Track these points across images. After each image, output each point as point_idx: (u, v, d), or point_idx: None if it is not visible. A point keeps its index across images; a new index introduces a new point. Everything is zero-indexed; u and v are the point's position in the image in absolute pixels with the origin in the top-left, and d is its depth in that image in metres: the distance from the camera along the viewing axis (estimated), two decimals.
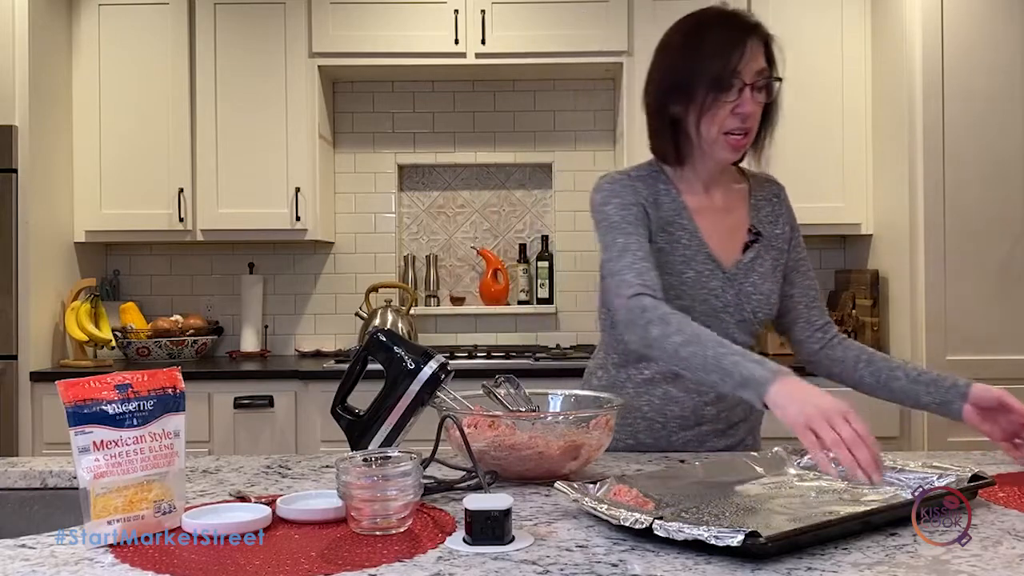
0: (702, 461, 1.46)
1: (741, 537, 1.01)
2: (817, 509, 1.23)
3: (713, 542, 1.02)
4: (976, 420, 1.52)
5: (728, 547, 1.01)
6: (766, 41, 1.60)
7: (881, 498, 1.27)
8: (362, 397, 1.45)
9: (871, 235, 3.53)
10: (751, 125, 1.59)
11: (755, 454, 1.48)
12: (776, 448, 1.49)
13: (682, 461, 1.56)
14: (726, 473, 1.41)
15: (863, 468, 1.16)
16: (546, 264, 3.88)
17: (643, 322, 1.45)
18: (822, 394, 1.25)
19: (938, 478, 1.31)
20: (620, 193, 1.63)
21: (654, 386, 1.70)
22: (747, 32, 1.57)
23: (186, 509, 1.22)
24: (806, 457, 1.43)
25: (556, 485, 1.25)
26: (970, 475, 1.30)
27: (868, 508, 1.18)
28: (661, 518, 1.08)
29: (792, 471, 1.44)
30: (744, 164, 1.76)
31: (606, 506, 1.16)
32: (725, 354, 1.35)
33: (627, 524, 1.10)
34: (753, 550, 1.02)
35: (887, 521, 1.17)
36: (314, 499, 1.28)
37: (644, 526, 1.08)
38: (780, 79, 1.61)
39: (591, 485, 1.27)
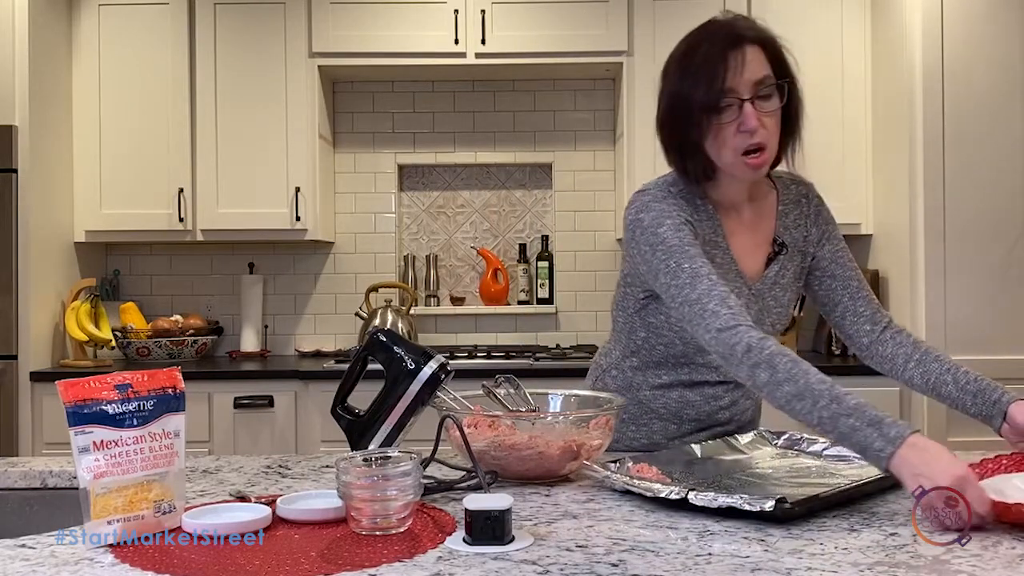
0: (697, 443, 1.60)
1: (772, 503, 1.15)
2: (816, 480, 1.41)
3: (747, 508, 1.16)
4: (1012, 439, 1.47)
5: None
6: (765, 45, 1.52)
7: (857, 473, 1.44)
8: (362, 397, 1.45)
9: (871, 235, 3.53)
10: (763, 139, 1.50)
11: (739, 436, 1.65)
12: (756, 431, 1.69)
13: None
14: (721, 452, 1.58)
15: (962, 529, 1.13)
16: (546, 264, 3.88)
17: (749, 363, 1.36)
18: (943, 463, 1.17)
19: None
20: (669, 212, 1.55)
21: (671, 390, 1.70)
22: (731, 45, 1.49)
23: (186, 509, 1.22)
24: (783, 438, 1.65)
25: (585, 464, 1.39)
26: None
27: (861, 480, 1.34)
28: (693, 489, 1.22)
29: (769, 449, 1.63)
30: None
31: (639, 481, 1.30)
32: (839, 415, 1.26)
33: (663, 495, 1.24)
34: (780, 514, 1.15)
35: (894, 485, 1.31)
36: (314, 499, 1.28)
37: (680, 496, 1.22)
38: (785, 82, 1.53)
39: (613, 463, 1.41)
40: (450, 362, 1.46)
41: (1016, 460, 1.36)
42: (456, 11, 3.50)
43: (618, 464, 1.42)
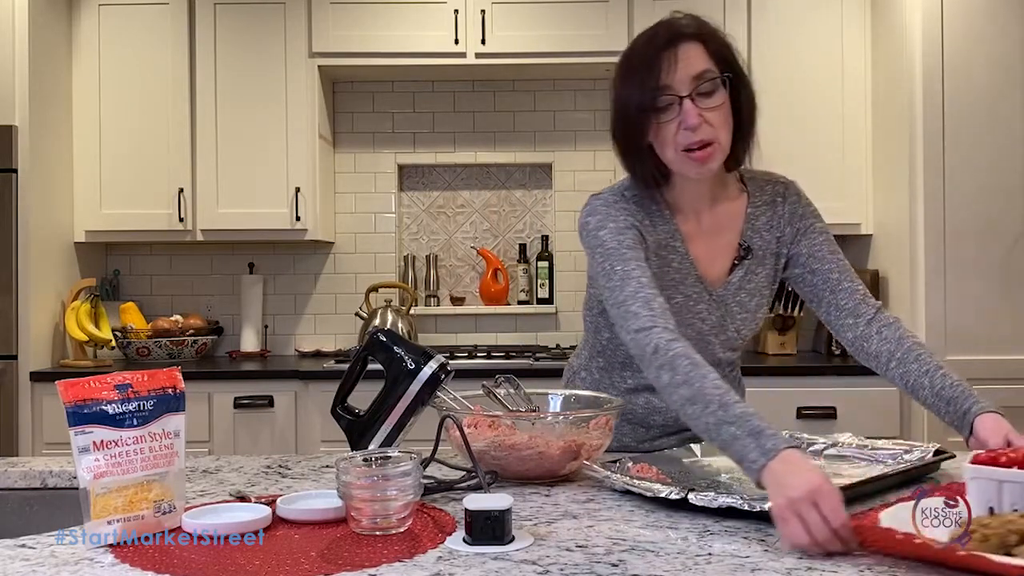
0: (697, 443, 1.60)
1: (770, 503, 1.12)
2: None
3: (747, 508, 1.16)
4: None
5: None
6: (705, 41, 1.49)
7: (858, 472, 1.43)
8: (362, 397, 1.45)
9: (871, 235, 3.53)
10: (707, 136, 1.46)
11: None
12: None
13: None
14: (719, 453, 1.53)
15: (821, 545, 1.08)
16: (546, 264, 3.88)
17: (656, 364, 1.36)
18: (803, 475, 1.13)
19: (905, 452, 1.50)
20: (615, 216, 1.55)
21: (637, 395, 1.70)
22: (667, 43, 1.47)
23: (186, 509, 1.22)
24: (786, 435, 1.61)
25: (585, 464, 1.39)
26: (934, 450, 1.50)
27: (861, 479, 1.34)
28: (693, 490, 1.22)
29: None
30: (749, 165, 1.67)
31: (639, 481, 1.30)
32: (724, 422, 1.24)
33: (663, 495, 1.24)
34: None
35: (894, 484, 1.34)
36: (314, 499, 1.28)
37: (680, 496, 1.22)
38: (727, 76, 1.48)
39: (613, 463, 1.42)
40: (450, 362, 1.46)
41: (949, 487, 1.28)
42: (456, 11, 3.50)
43: (618, 464, 1.42)
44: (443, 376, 1.43)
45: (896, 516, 1.09)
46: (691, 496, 1.21)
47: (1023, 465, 1.06)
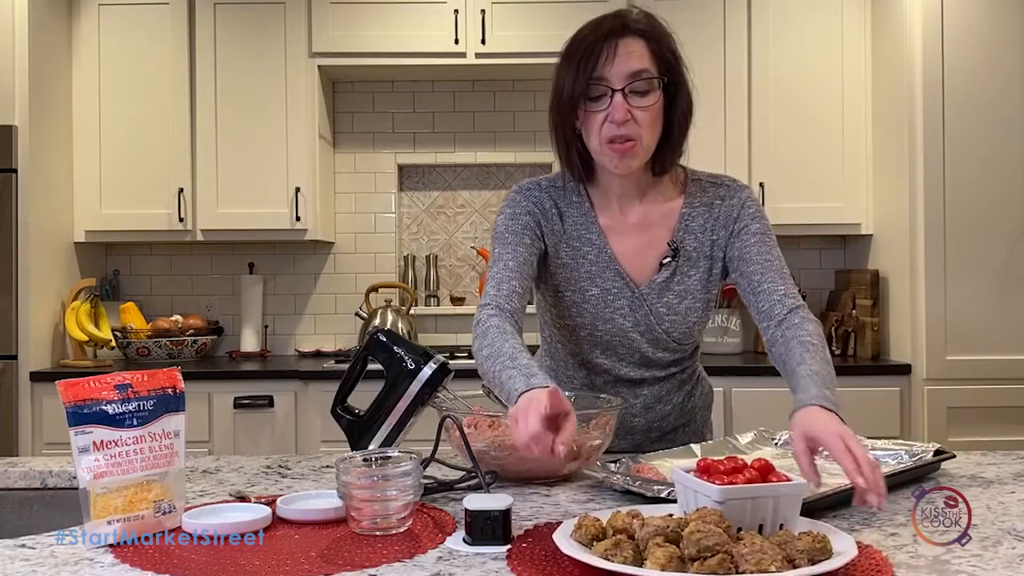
0: (697, 443, 1.59)
1: None
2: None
3: None
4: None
5: None
6: (649, 39, 1.48)
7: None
8: (362, 397, 1.45)
9: (871, 235, 3.52)
10: (631, 131, 1.46)
11: (739, 436, 1.64)
12: (755, 431, 1.67)
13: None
14: (721, 452, 1.54)
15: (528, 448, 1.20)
16: None
17: (474, 335, 1.45)
18: (527, 417, 1.20)
19: (905, 452, 1.50)
20: (517, 203, 1.60)
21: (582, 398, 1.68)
22: (610, 35, 1.46)
23: (186, 509, 1.22)
24: (783, 438, 1.63)
25: (585, 464, 1.41)
26: (934, 450, 1.50)
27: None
28: None
29: (769, 449, 1.60)
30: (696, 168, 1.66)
31: (640, 482, 1.31)
32: (505, 369, 1.34)
33: (663, 495, 1.25)
34: None
35: (895, 484, 1.33)
36: (314, 499, 1.28)
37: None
38: (662, 79, 1.48)
39: (612, 464, 1.43)
40: (450, 362, 1.46)
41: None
42: (456, 11, 3.50)
43: (618, 464, 1.42)
44: (443, 376, 1.43)
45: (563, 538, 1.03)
46: None
47: (729, 474, 1.06)
